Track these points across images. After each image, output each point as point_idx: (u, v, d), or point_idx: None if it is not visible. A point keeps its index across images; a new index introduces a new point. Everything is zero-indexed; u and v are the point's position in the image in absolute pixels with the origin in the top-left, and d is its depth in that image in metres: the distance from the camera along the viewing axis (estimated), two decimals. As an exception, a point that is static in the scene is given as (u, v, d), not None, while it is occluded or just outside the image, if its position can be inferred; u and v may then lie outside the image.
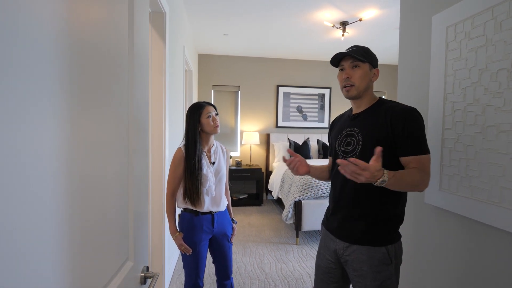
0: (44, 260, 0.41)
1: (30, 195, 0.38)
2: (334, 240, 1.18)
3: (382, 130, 1.06)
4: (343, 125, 1.23)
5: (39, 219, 0.39)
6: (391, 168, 1.02)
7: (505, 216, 0.98)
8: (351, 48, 1.15)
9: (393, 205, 1.09)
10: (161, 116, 2.08)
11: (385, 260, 1.08)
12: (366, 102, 1.16)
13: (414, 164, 1.02)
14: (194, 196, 1.51)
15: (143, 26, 0.85)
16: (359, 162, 0.90)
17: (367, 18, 3.31)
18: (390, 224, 1.10)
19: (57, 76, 0.43)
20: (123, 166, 0.72)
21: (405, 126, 1.03)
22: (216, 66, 5.05)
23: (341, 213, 1.16)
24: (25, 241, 0.37)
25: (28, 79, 0.37)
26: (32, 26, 0.38)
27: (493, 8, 1.02)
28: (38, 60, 0.39)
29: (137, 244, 0.82)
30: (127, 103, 0.73)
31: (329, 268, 1.21)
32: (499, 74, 1.01)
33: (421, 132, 1.04)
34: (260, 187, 4.85)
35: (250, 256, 2.94)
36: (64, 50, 0.45)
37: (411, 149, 1.03)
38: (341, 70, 1.16)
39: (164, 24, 2.02)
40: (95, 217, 0.57)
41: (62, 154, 0.45)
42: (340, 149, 1.19)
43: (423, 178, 1.00)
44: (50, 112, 0.42)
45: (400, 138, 1.03)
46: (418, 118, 1.04)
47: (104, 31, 0.60)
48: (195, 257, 1.54)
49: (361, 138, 1.11)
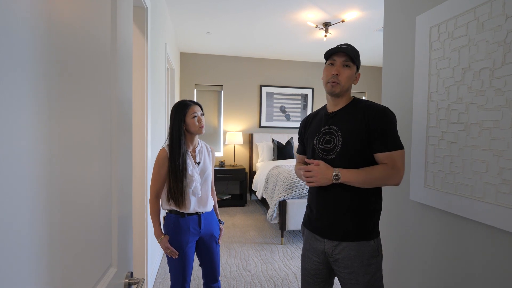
0: (21, 267, 0.37)
1: (3, 198, 0.33)
2: (321, 241, 1.17)
3: (361, 127, 1.10)
4: (319, 123, 1.23)
5: (14, 223, 0.35)
6: (368, 166, 1.10)
7: (488, 211, 1.00)
8: (345, 45, 1.15)
9: (375, 199, 1.14)
10: (143, 115, 2.01)
11: (374, 253, 1.11)
12: (343, 101, 1.18)
13: (386, 160, 1.08)
14: (178, 197, 1.46)
15: (126, 21, 0.81)
16: (306, 167, 1.12)
17: (349, 20, 3.36)
18: (375, 217, 1.14)
19: (35, 72, 0.39)
20: (106, 167, 0.67)
21: (378, 123, 1.07)
22: (199, 65, 4.98)
23: (326, 212, 1.15)
24: (1, 246, 0.32)
25: (3, 76, 0.33)
26: (8, 19, 0.33)
27: (475, 9, 1.05)
28: (15, 56, 0.35)
29: (121, 249, 0.78)
30: (110, 102, 0.69)
31: (317, 270, 1.21)
32: (481, 73, 1.03)
33: (393, 129, 1.08)
34: (243, 188, 4.82)
35: (235, 258, 2.90)
36: (43, 45, 0.41)
37: (382, 146, 1.08)
38: (330, 65, 1.16)
39: (145, 19, 1.95)
40: (76, 221, 0.52)
41: (40, 155, 0.41)
42: (318, 148, 1.19)
43: (390, 173, 1.06)
44: (28, 110, 0.37)
45: (373, 135, 1.08)
46: (390, 116, 1.09)
47: (86, 25, 0.55)
48: (181, 260, 1.49)
49: (340, 135, 1.13)
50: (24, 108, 0.37)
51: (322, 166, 1.09)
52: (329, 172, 1.08)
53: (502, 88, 0.96)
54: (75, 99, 0.51)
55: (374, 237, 1.12)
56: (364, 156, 1.10)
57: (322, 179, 1.09)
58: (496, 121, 0.98)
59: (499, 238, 0.99)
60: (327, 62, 1.18)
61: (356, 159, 1.10)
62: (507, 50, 0.95)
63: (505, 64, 0.95)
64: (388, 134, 1.07)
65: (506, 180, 0.95)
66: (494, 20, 0.99)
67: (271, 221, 3.25)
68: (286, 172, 3.51)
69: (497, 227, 0.98)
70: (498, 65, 0.97)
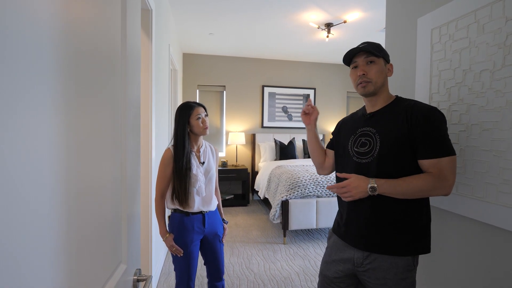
0: (40, 262, 0.39)
1: (24, 197, 0.36)
2: (351, 249, 1.09)
3: (402, 129, 0.99)
4: (356, 124, 1.14)
5: (33, 221, 0.37)
6: (412, 173, 0.99)
7: (489, 211, 1.02)
8: (363, 44, 1.08)
9: (417, 212, 1.01)
10: (148, 116, 2.03)
11: (409, 267, 1.01)
12: (382, 100, 1.08)
13: (431, 168, 0.95)
14: (182, 196, 1.49)
15: (135, 24, 0.83)
16: (337, 185, 1.02)
17: (351, 20, 3.38)
18: (414, 232, 1.01)
19: (52, 76, 0.41)
20: (117, 168, 0.70)
21: (423, 126, 0.96)
22: (201, 65, 5.01)
23: (357, 220, 1.07)
24: (22, 244, 0.35)
25: (23, 79, 0.35)
26: (26, 25, 0.36)
27: (476, 12, 1.07)
28: (33, 60, 0.37)
29: (130, 246, 0.80)
30: (120, 104, 0.71)
31: (338, 279, 1.14)
32: (482, 75, 1.05)
33: (441, 132, 0.95)
34: (246, 188, 4.84)
35: (238, 257, 2.92)
36: (59, 49, 0.43)
37: (427, 151, 0.95)
38: (354, 68, 1.09)
39: (150, 21, 1.98)
40: (90, 219, 0.55)
41: (57, 155, 0.43)
42: (353, 150, 1.10)
43: (435, 184, 0.93)
44: (45, 113, 0.40)
45: (417, 139, 0.96)
46: (439, 117, 0.97)
47: (98, 29, 0.58)
48: (186, 258, 1.51)
49: (378, 138, 1.03)
50: (44, 112, 0.40)
51: (354, 179, 0.99)
52: (364, 184, 0.97)
53: (502, 90, 0.98)
54: (89, 102, 0.54)
55: (410, 253, 1.01)
56: (405, 162, 0.98)
57: (357, 193, 0.98)
58: (496, 122, 1.00)
59: (499, 237, 1.01)
60: (350, 66, 1.11)
61: (395, 165, 0.99)
62: (507, 52, 0.96)
63: (505, 66, 0.97)
64: (435, 138, 0.94)
65: (507, 180, 0.97)
66: (494, 22, 1.00)
67: (274, 221, 3.27)
68: (288, 172, 3.53)
69: (498, 226, 1.00)
70: (498, 67, 0.99)
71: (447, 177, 0.94)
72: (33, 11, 0.37)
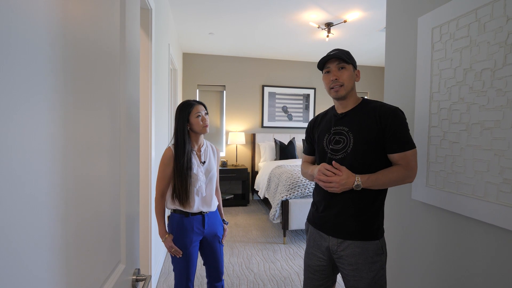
0: (39, 261, 0.39)
1: (23, 196, 0.35)
2: (326, 238, 1.20)
3: (372, 128, 1.12)
4: (329, 124, 1.25)
5: (33, 220, 0.37)
6: (382, 166, 1.13)
7: (489, 210, 1.02)
8: (334, 51, 1.18)
9: (381, 201, 1.17)
10: (147, 115, 2.03)
11: (378, 251, 1.13)
12: (351, 102, 1.20)
13: (400, 160, 1.10)
14: (182, 195, 1.48)
15: (135, 23, 0.83)
16: (328, 179, 1.10)
17: (351, 20, 3.37)
18: (380, 217, 1.17)
19: (51, 74, 0.41)
20: (116, 167, 0.69)
21: (390, 124, 1.09)
22: (201, 65, 5.00)
23: (333, 211, 1.17)
24: (20, 242, 0.35)
25: (21, 78, 0.35)
26: (25, 24, 0.36)
27: (477, 10, 1.06)
28: (32, 59, 0.37)
29: (129, 246, 0.80)
30: (119, 103, 0.71)
31: (320, 266, 1.23)
32: (483, 74, 1.05)
33: (404, 129, 1.11)
34: (246, 187, 4.83)
35: (238, 257, 2.92)
36: (58, 48, 0.43)
37: (396, 146, 1.10)
38: (326, 73, 1.19)
39: (150, 21, 1.98)
40: (89, 218, 0.54)
41: (55, 154, 0.42)
42: (328, 148, 1.21)
43: (406, 174, 1.09)
44: (43, 111, 0.39)
45: (387, 136, 1.10)
46: (402, 116, 1.12)
47: (96, 28, 0.57)
48: (185, 259, 1.51)
49: (351, 136, 1.15)
50: (43, 111, 0.39)
51: (345, 175, 1.09)
52: (350, 181, 1.08)
53: (503, 89, 0.98)
54: (88, 100, 0.53)
55: (379, 237, 1.15)
56: (375, 156, 1.12)
57: (343, 188, 1.09)
58: (497, 121, 1.00)
59: (500, 236, 1.00)
60: (323, 71, 1.21)
61: (366, 159, 1.12)
62: (508, 51, 0.96)
63: (506, 65, 0.97)
64: (401, 134, 1.09)
65: (507, 179, 0.97)
66: (495, 21, 1.00)
67: (274, 221, 3.26)
68: (288, 172, 3.52)
69: (498, 225, 0.99)
70: (499, 66, 0.99)
71: (413, 167, 1.10)
72: (31, 10, 0.36)
